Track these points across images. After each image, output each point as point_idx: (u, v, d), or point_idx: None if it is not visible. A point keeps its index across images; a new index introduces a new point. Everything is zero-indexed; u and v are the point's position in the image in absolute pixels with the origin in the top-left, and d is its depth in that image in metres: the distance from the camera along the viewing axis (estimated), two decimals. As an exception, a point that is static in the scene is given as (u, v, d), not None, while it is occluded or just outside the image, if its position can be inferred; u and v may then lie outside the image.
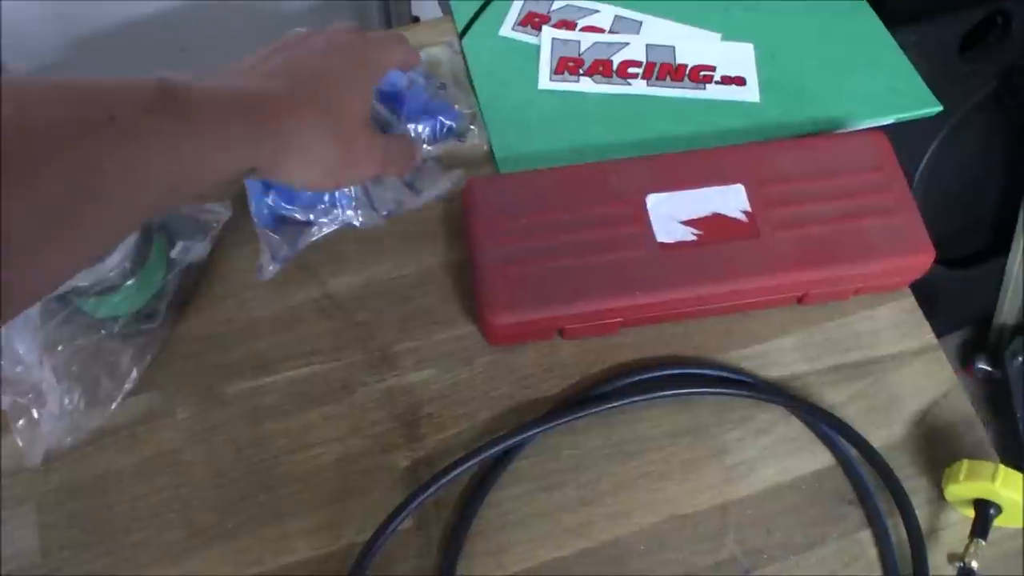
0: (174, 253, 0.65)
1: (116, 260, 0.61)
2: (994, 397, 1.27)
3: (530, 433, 0.62)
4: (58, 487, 0.62)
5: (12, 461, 0.63)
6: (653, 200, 0.67)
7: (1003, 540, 0.63)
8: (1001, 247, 1.20)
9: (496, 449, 0.61)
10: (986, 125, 1.14)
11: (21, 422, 0.63)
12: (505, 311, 0.63)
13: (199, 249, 0.67)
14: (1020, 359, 1.19)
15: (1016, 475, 0.59)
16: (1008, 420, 1.19)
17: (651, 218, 0.66)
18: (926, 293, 0.72)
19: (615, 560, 0.61)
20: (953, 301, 1.17)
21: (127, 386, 0.65)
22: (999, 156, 1.18)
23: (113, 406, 0.64)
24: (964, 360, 1.34)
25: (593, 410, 0.63)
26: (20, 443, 0.62)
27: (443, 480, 0.60)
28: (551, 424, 0.63)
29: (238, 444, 0.64)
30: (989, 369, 1.25)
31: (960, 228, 1.15)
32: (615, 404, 0.64)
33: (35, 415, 0.63)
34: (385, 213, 0.70)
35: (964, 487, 0.61)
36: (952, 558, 0.62)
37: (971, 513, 0.62)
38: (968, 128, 1.11)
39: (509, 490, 0.63)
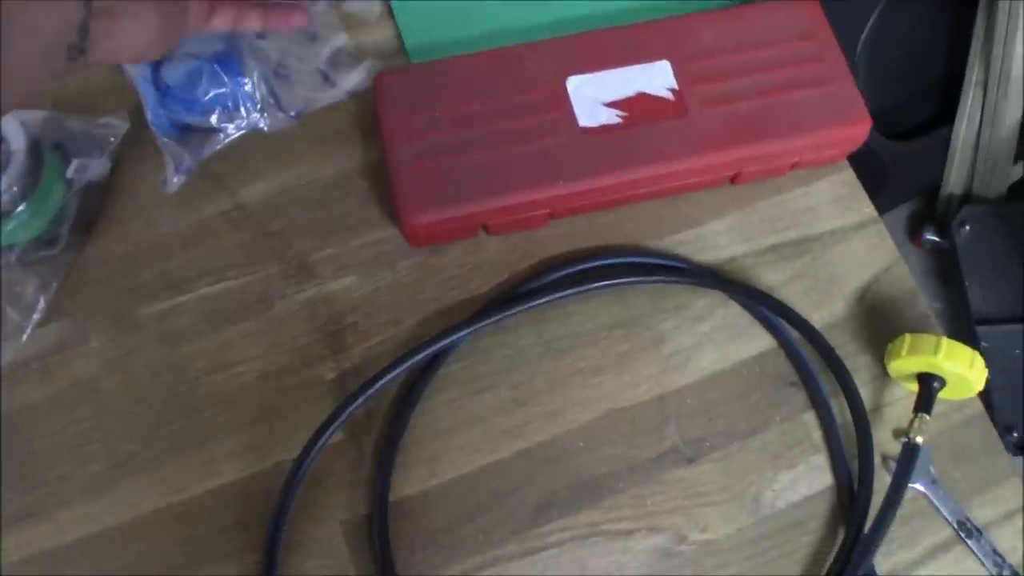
0: (70, 172, 0.62)
1: (3, 185, 0.57)
2: (943, 268, 1.27)
3: (458, 335, 0.60)
4: (-27, 425, 0.59)
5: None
6: (574, 83, 0.63)
7: (949, 413, 0.62)
8: (946, 117, 1.18)
9: (424, 354, 0.59)
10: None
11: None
12: (424, 209, 0.60)
13: (97, 166, 0.63)
14: (967, 228, 1.18)
15: (959, 347, 0.58)
16: (957, 290, 1.19)
17: (572, 102, 0.63)
18: (873, 167, 0.70)
19: (553, 460, 0.59)
20: (900, 174, 1.15)
21: (35, 316, 0.62)
22: (941, 25, 1.15)
23: (23, 338, 0.61)
24: (912, 232, 1.33)
25: (522, 307, 0.61)
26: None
27: (371, 390, 0.58)
28: (480, 325, 0.60)
29: (155, 368, 0.61)
30: (937, 240, 1.25)
31: (904, 99, 1.13)
32: (545, 299, 0.61)
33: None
34: (294, 114, 0.66)
35: (907, 362, 0.59)
36: (897, 434, 0.61)
37: (915, 388, 0.60)
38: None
39: (441, 396, 0.61)
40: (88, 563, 0.56)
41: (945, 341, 0.58)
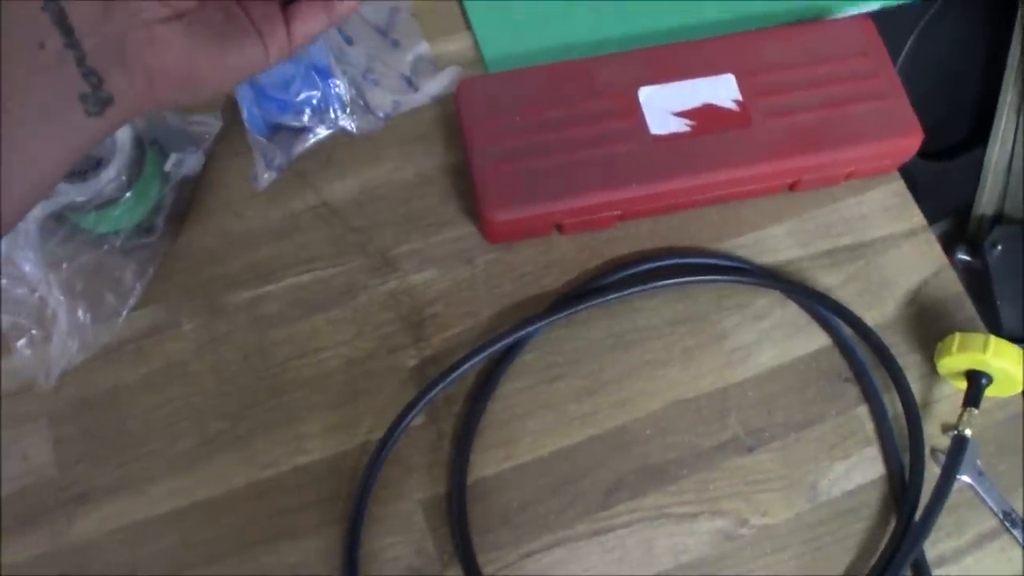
0: (168, 166, 0.65)
1: (112, 174, 0.60)
2: (974, 287, 1.29)
3: (533, 328, 0.63)
4: (69, 402, 0.63)
5: (14, 380, 0.63)
6: (645, 93, 0.67)
7: (994, 409, 0.65)
8: (980, 138, 1.21)
9: (500, 345, 0.62)
10: (965, 14, 1.13)
11: (22, 342, 0.63)
12: (503, 208, 0.64)
13: (193, 161, 0.67)
14: (999, 248, 1.20)
15: (1007, 345, 0.61)
16: (988, 308, 1.20)
17: (644, 111, 0.66)
18: (907, 185, 0.73)
19: (622, 446, 0.63)
20: (933, 193, 1.17)
21: (131, 301, 0.65)
22: (978, 46, 1.18)
23: (120, 321, 0.64)
24: (944, 251, 1.34)
25: (593, 302, 0.64)
26: (22, 362, 0.63)
27: (451, 377, 0.61)
28: (553, 318, 0.64)
29: (244, 352, 0.65)
30: (969, 259, 1.26)
31: (939, 120, 1.15)
32: (615, 295, 0.65)
33: (35, 334, 0.63)
34: (383, 115, 0.69)
35: (957, 359, 0.62)
36: (946, 428, 0.64)
37: (963, 385, 0.64)
38: (947, 18, 1.11)
39: (516, 384, 0.64)
40: (179, 534, 0.59)
41: (994, 339, 0.61)
